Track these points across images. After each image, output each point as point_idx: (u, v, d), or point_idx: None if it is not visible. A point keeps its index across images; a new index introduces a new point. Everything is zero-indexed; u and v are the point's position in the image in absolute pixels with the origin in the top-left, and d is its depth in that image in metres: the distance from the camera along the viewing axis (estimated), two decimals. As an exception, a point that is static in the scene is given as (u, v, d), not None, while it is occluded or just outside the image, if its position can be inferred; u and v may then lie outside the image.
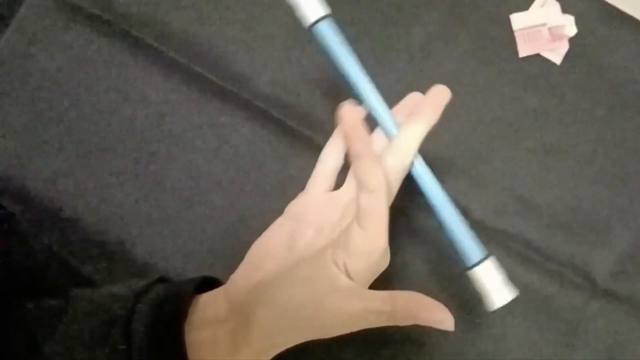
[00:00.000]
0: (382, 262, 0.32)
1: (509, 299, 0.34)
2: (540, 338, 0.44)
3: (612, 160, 0.46)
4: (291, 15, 0.47)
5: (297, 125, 0.46)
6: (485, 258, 0.34)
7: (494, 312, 0.33)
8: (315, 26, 0.33)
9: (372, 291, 0.31)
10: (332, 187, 0.39)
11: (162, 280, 0.35)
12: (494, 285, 0.34)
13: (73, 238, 0.44)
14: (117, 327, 0.31)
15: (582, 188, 0.46)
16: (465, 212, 0.45)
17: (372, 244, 0.31)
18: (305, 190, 0.39)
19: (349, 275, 0.31)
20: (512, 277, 0.44)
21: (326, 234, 0.35)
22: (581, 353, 0.43)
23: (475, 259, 0.34)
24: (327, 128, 0.34)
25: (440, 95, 0.34)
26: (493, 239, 0.44)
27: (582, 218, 0.45)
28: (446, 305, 0.30)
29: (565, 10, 0.47)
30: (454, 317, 0.30)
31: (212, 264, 0.43)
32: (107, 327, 0.31)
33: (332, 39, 0.33)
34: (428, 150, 0.34)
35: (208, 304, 0.33)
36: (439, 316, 0.30)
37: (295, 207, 0.38)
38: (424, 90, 0.35)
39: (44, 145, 0.45)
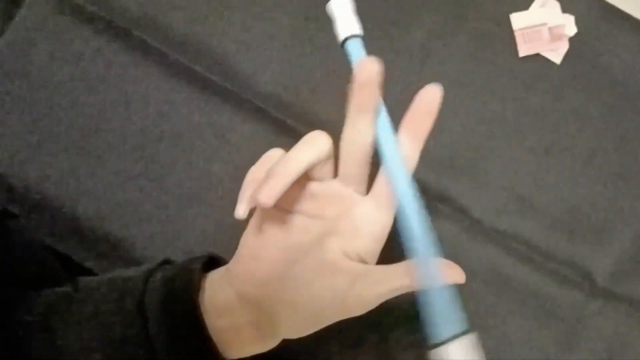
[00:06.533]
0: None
1: None
2: (540, 337, 0.44)
3: (612, 160, 0.46)
4: (291, 15, 0.47)
5: (297, 125, 0.45)
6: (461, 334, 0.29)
7: (495, 313, 0.33)
8: (347, 43, 0.33)
9: (389, 269, 0.32)
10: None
11: (167, 262, 0.36)
12: None
13: (73, 238, 0.44)
14: (130, 304, 0.32)
15: (582, 188, 0.46)
16: (465, 211, 0.45)
17: (385, 221, 0.32)
18: None
19: (362, 260, 0.32)
20: (512, 277, 0.44)
21: (316, 219, 0.35)
22: (581, 353, 0.43)
23: (446, 333, 0.29)
24: (327, 128, 0.34)
25: (429, 103, 0.32)
26: (493, 239, 0.44)
27: (582, 218, 0.45)
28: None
29: (565, 10, 0.47)
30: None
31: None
32: (120, 303, 0.32)
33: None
34: (428, 150, 0.34)
35: (215, 289, 0.33)
36: (453, 277, 0.31)
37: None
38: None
39: (44, 145, 0.45)
